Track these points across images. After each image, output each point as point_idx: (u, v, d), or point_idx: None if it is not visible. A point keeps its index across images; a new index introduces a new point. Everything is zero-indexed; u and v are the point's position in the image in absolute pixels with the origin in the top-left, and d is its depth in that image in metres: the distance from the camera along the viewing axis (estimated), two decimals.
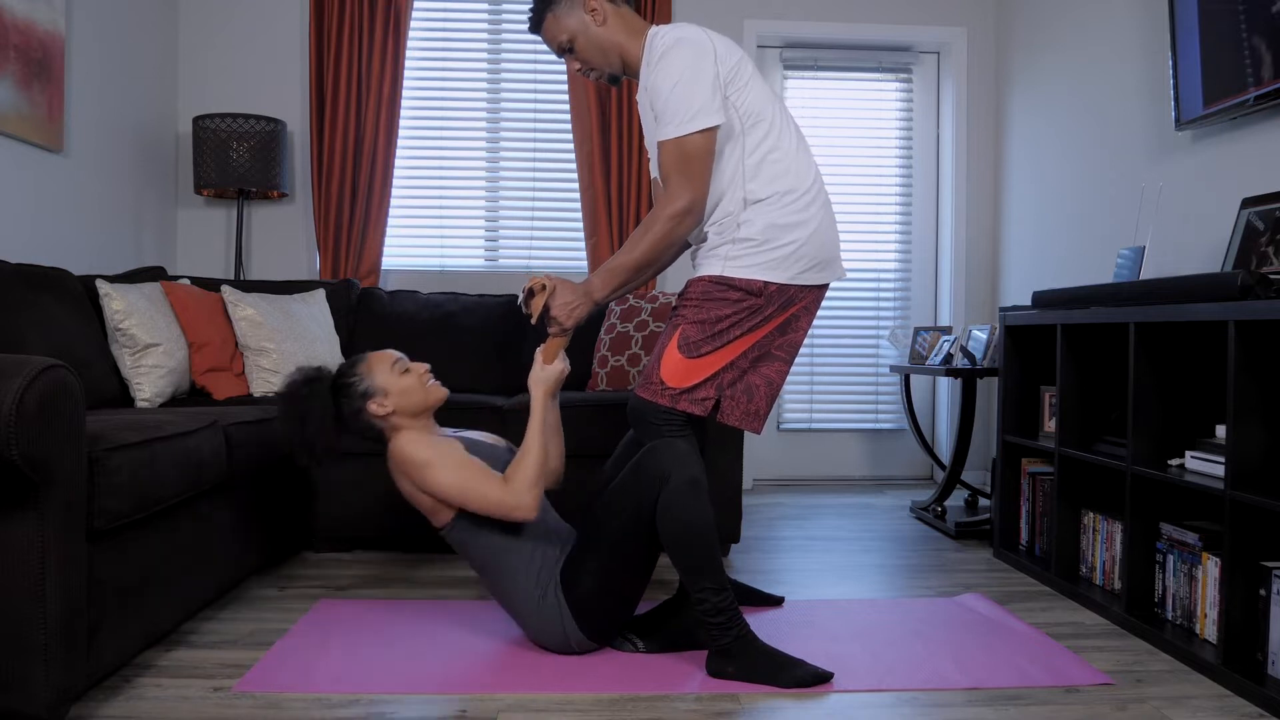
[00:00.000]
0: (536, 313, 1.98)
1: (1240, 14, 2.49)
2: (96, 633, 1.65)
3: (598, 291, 1.97)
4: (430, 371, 2.06)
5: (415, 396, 1.99)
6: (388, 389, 1.98)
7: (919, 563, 2.86)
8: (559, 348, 2.02)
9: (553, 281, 1.98)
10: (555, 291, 1.97)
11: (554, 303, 1.97)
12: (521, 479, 1.88)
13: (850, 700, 1.78)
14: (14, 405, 1.40)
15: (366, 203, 3.86)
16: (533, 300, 1.99)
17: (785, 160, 1.96)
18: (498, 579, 1.95)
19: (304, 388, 1.96)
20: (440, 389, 2.04)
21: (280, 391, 1.98)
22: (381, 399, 1.97)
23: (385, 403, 1.97)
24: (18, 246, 2.85)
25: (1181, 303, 2.06)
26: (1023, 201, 3.97)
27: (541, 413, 1.96)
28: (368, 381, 1.98)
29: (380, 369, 2.00)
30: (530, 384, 2.01)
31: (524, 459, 1.91)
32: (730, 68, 1.92)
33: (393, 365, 2.00)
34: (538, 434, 1.93)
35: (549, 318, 1.99)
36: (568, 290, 1.97)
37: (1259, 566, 1.87)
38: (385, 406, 1.97)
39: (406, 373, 2.01)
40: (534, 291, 1.99)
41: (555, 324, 1.99)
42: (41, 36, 2.90)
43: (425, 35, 4.07)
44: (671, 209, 1.89)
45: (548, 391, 2.00)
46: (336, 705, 1.72)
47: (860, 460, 4.41)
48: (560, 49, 2.08)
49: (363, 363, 2.02)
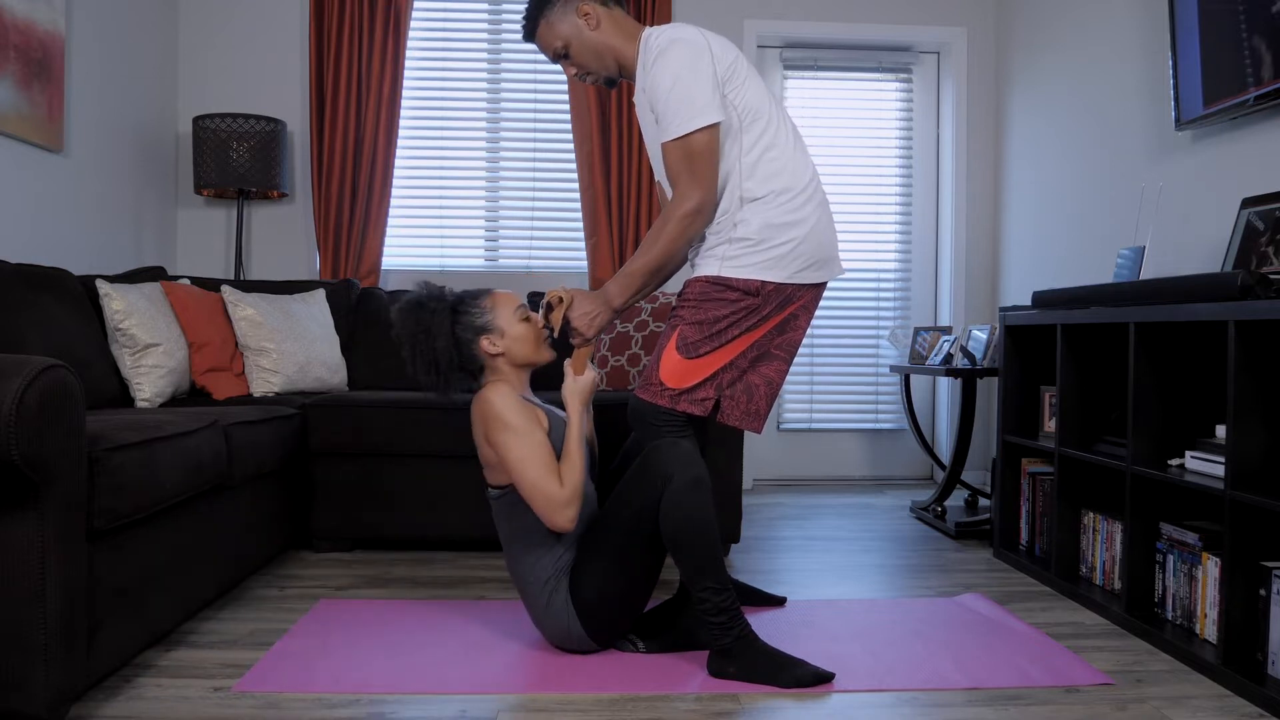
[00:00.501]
0: (558, 326, 1.99)
1: (1240, 14, 2.49)
2: (96, 633, 1.65)
3: (616, 299, 1.98)
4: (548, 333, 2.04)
5: (527, 347, 1.99)
6: (505, 330, 1.97)
7: (919, 563, 2.86)
8: (586, 357, 2.02)
9: (569, 293, 1.98)
10: (574, 303, 1.98)
11: (573, 314, 1.98)
12: (570, 487, 1.86)
13: (850, 700, 1.78)
14: (14, 405, 1.40)
15: (366, 203, 3.86)
16: (552, 314, 1.99)
17: (782, 158, 1.96)
18: (521, 559, 1.94)
19: (431, 301, 1.94)
20: (550, 351, 2.03)
21: (404, 301, 1.95)
22: (496, 338, 1.96)
23: (499, 343, 1.96)
24: (18, 246, 2.85)
25: (1181, 303, 2.06)
26: (1023, 202, 3.97)
27: (579, 424, 1.94)
28: (489, 316, 1.97)
29: (504, 309, 1.99)
30: (565, 397, 1.99)
31: (569, 472, 1.88)
32: (726, 65, 1.93)
33: (516, 309, 2.00)
34: (578, 447, 1.91)
35: (571, 329, 1.99)
36: (586, 300, 1.98)
37: (1259, 566, 1.87)
38: (498, 346, 1.96)
39: (527, 320, 2.00)
40: (552, 305, 2.00)
41: (578, 335, 1.99)
42: (41, 36, 2.90)
43: (425, 35, 4.08)
44: (683, 209, 1.89)
45: (584, 402, 1.98)
46: (336, 705, 1.72)
47: (860, 460, 4.41)
48: (555, 55, 2.08)
49: (487, 297, 2.00)
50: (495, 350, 1.97)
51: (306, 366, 3.09)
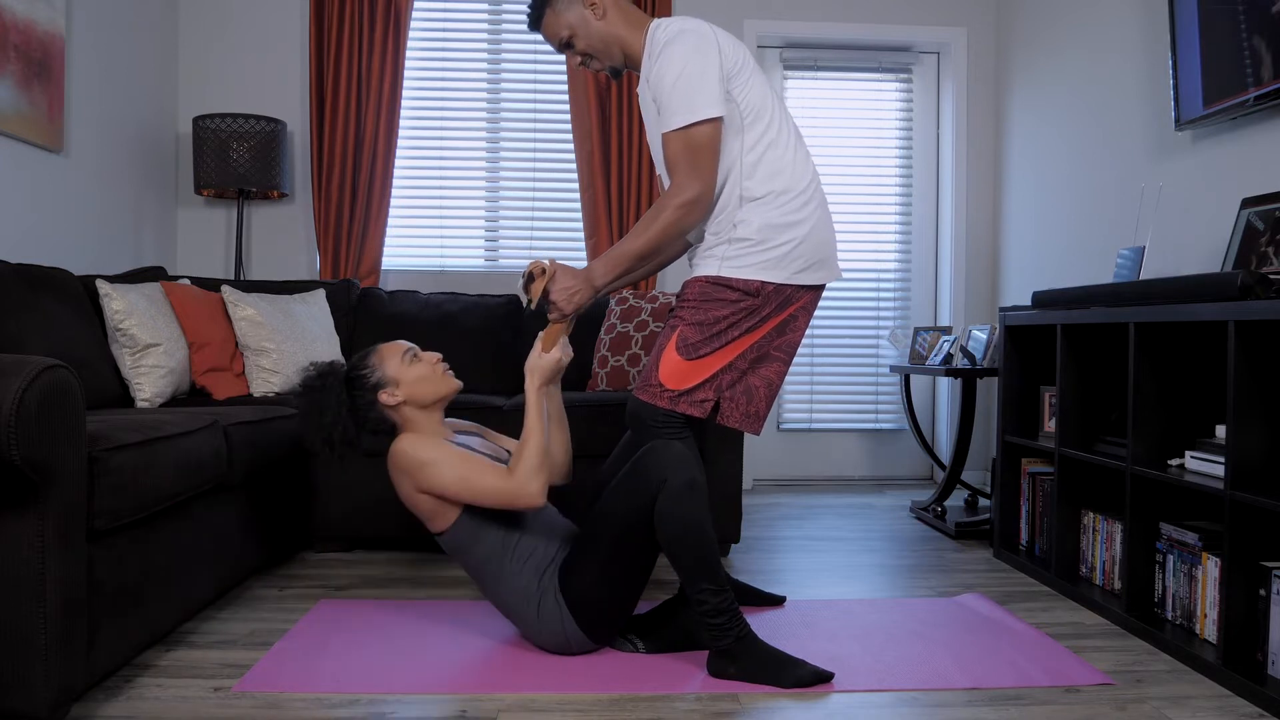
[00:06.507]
0: (536, 297, 1.96)
1: (1240, 14, 2.49)
2: (96, 633, 1.65)
3: (599, 278, 1.96)
4: (443, 361, 2.04)
5: (427, 386, 1.98)
6: (399, 379, 1.97)
7: (919, 563, 2.86)
8: (559, 334, 1.99)
9: (553, 266, 1.96)
10: (555, 276, 1.95)
11: (554, 287, 1.95)
12: (525, 466, 1.86)
13: (851, 700, 1.78)
14: (14, 405, 1.40)
15: (366, 203, 3.86)
16: (533, 284, 1.96)
17: (783, 159, 1.95)
18: (497, 582, 1.95)
19: (319, 380, 1.96)
20: (452, 379, 2.03)
21: (296, 385, 1.97)
22: (393, 389, 1.96)
23: (396, 393, 1.96)
24: (18, 246, 2.85)
25: (1181, 303, 2.06)
26: (1023, 201, 3.97)
27: (536, 399, 1.94)
28: (379, 373, 1.97)
29: (391, 360, 1.99)
30: (526, 370, 1.98)
31: (524, 446, 1.89)
32: (733, 61, 1.92)
33: (403, 355, 2.00)
34: (536, 419, 1.92)
35: (548, 303, 1.96)
36: (568, 275, 1.96)
37: (1259, 566, 1.87)
38: (396, 397, 1.96)
39: (416, 360, 2.00)
40: (534, 276, 1.97)
41: (555, 309, 1.97)
42: (41, 36, 2.90)
43: (425, 35, 4.07)
44: (680, 198, 1.88)
45: (543, 379, 1.97)
46: (336, 705, 1.72)
47: (860, 460, 4.41)
48: (560, 44, 2.07)
49: (374, 354, 2.01)
50: (395, 400, 1.97)
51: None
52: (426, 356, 2.02)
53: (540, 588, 1.91)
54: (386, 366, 1.98)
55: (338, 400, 1.95)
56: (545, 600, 1.91)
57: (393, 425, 2.01)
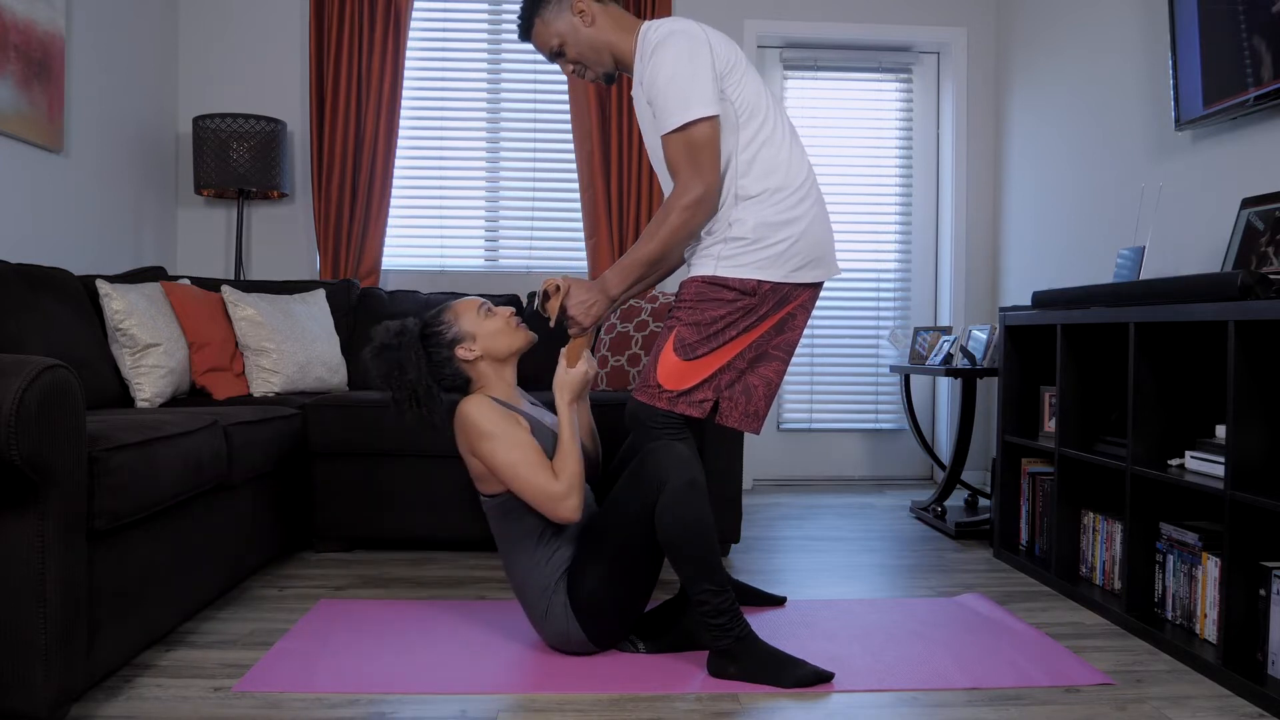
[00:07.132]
0: (554, 314, 1.97)
1: (1240, 14, 2.49)
2: (96, 633, 1.65)
3: (614, 288, 1.96)
4: (516, 314, 2.04)
5: (502, 339, 1.98)
6: (475, 333, 1.97)
7: (919, 563, 2.86)
8: (582, 348, 2.00)
9: (567, 281, 1.97)
10: (570, 291, 1.96)
11: (570, 303, 1.96)
12: (566, 480, 1.86)
13: (851, 700, 1.78)
14: (14, 405, 1.40)
15: (366, 203, 3.86)
16: (549, 302, 1.98)
17: (778, 156, 1.95)
18: (520, 565, 1.94)
19: (395, 338, 1.95)
20: (527, 331, 2.03)
21: (372, 346, 1.96)
22: (470, 343, 1.97)
23: (474, 347, 1.96)
24: (18, 246, 2.85)
25: (1181, 303, 2.06)
26: (1023, 201, 3.97)
27: (569, 416, 1.93)
28: (456, 328, 1.97)
29: (467, 314, 1.99)
30: (555, 388, 1.97)
31: (564, 464, 1.87)
32: (725, 60, 1.92)
33: (479, 309, 2.00)
34: (571, 438, 1.90)
35: (567, 318, 1.97)
36: (583, 289, 1.96)
37: (1259, 566, 1.87)
38: (474, 351, 1.96)
39: (491, 315, 2.00)
40: (549, 294, 1.98)
41: (574, 324, 1.98)
42: (41, 36, 2.90)
43: (425, 35, 4.07)
44: (686, 199, 1.87)
45: (573, 394, 1.96)
46: (336, 705, 1.72)
47: (860, 460, 4.41)
48: (551, 53, 2.07)
49: (449, 310, 2.01)
50: (473, 355, 1.97)
51: (306, 366, 3.09)
52: (500, 311, 2.02)
53: (555, 587, 1.91)
54: (463, 321, 1.98)
55: (418, 356, 1.94)
56: (555, 600, 1.91)
57: (466, 381, 2.00)
